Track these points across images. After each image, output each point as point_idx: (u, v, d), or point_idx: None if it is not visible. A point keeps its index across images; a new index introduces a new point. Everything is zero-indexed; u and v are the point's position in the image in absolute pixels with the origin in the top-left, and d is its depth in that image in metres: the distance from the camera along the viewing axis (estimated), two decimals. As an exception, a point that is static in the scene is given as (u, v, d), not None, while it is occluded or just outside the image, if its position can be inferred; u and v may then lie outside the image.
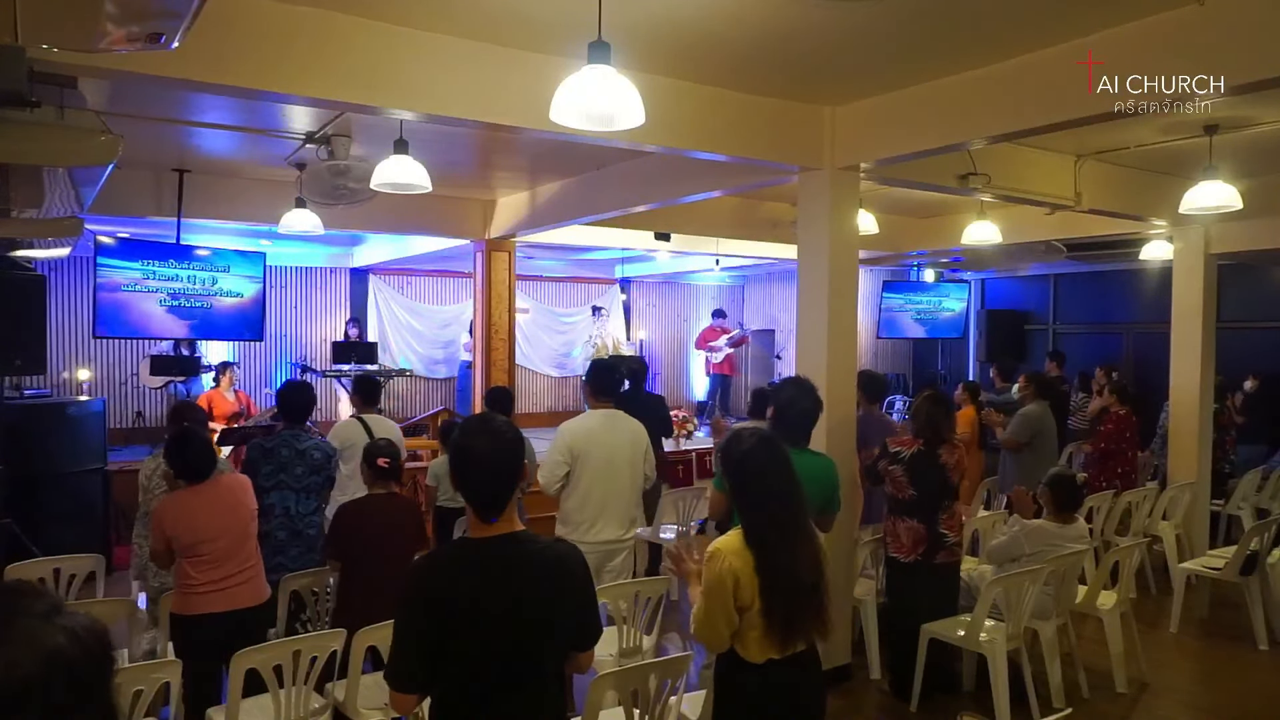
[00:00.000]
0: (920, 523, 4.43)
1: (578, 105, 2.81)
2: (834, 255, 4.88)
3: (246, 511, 3.67)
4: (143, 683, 2.90)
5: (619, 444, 4.23)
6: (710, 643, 2.59)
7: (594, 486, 4.14)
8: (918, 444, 4.47)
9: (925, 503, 4.44)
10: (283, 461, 4.35)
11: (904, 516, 4.48)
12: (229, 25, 3.23)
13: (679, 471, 8.87)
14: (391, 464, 3.91)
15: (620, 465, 4.22)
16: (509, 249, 8.52)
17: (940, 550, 4.46)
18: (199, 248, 7.71)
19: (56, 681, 1.02)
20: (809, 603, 2.51)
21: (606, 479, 4.17)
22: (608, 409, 4.33)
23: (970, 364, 13.07)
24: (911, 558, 4.45)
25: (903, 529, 4.48)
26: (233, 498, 3.64)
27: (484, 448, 2.04)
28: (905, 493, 4.46)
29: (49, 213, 4.85)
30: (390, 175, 4.69)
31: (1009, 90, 4.03)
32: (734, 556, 2.48)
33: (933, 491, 4.45)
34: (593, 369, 4.50)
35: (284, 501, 4.34)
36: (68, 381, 9.98)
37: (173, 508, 3.54)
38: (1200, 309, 7.04)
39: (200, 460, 3.58)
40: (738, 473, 2.60)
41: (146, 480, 4.31)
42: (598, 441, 4.19)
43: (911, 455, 4.45)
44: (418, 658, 1.98)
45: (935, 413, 4.53)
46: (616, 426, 4.28)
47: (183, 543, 3.49)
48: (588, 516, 4.15)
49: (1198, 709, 4.67)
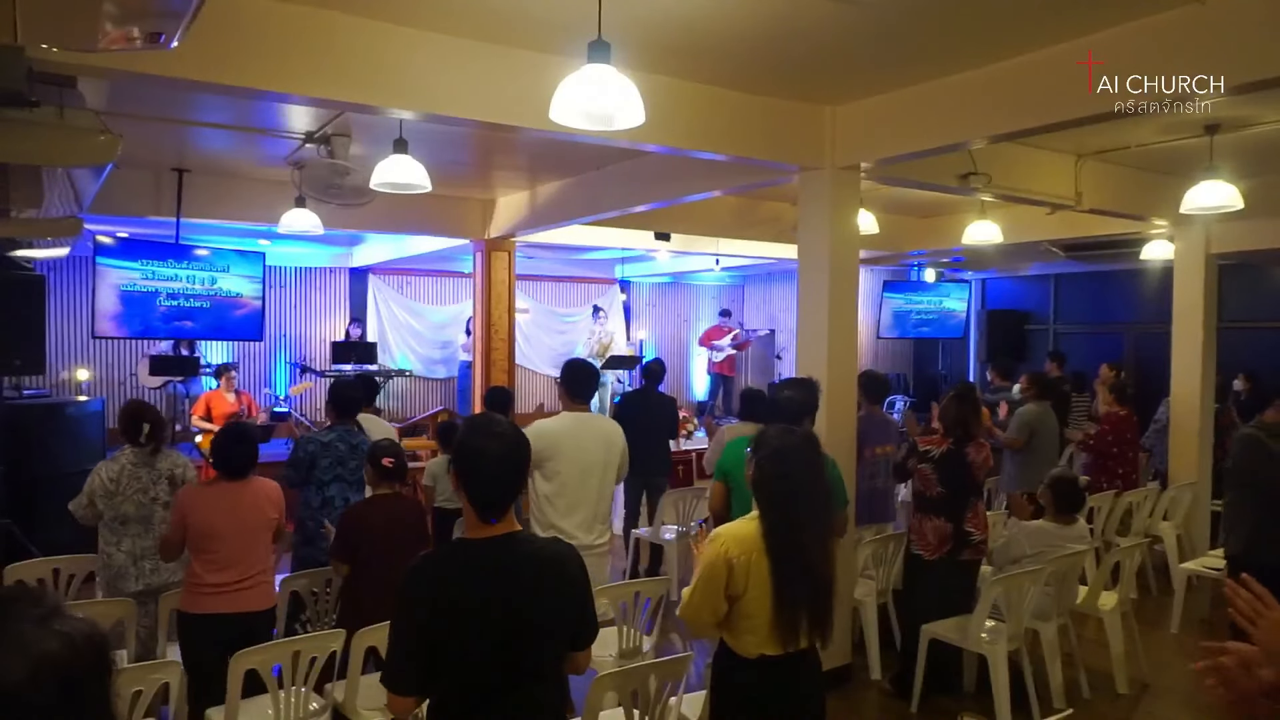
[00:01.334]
0: (947, 521, 4.44)
1: (578, 104, 2.81)
2: (834, 255, 4.88)
3: (264, 518, 3.65)
4: (142, 683, 2.90)
5: (592, 448, 4.00)
6: (692, 623, 2.60)
7: (564, 490, 3.92)
8: (947, 443, 4.48)
9: (953, 501, 4.46)
10: (340, 455, 4.57)
11: (931, 514, 4.48)
12: (229, 25, 3.23)
13: (679, 471, 8.86)
14: (396, 464, 3.91)
15: (592, 469, 3.99)
16: (509, 249, 8.52)
17: (966, 548, 4.47)
18: (199, 247, 7.71)
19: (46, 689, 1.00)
20: (817, 602, 2.51)
21: (577, 483, 3.95)
22: (581, 412, 4.10)
23: (970, 364, 13.07)
24: (937, 555, 4.46)
25: (929, 527, 4.48)
26: (254, 502, 3.63)
27: (494, 449, 2.03)
28: (933, 490, 4.46)
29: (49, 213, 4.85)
30: (390, 175, 4.69)
31: (1009, 90, 4.02)
32: (735, 544, 2.49)
33: (960, 490, 4.46)
34: (566, 370, 4.16)
35: (344, 494, 4.55)
36: (67, 381, 9.98)
37: (198, 496, 3.60)
38: (1200, 309, 7.05)
39: (244, 460, 3.64)
40: (771, 465, 2.57)
41: (111, 484, 3.99)
42: (569, 444, 3.94)
43: (942, 454, 4.46)
44: (415, 659, 1.97)
45: (964, 411, 4.54)
46: (588, 430, 4.05)
47: (195, 533, 3.50)
48: (556, 520, 3.93)
49: (1198, 709, 4.66)
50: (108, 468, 4.04)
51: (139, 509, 4.05)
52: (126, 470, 4.04)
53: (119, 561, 4.04)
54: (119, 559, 4.04)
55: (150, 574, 4.07)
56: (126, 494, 4.03)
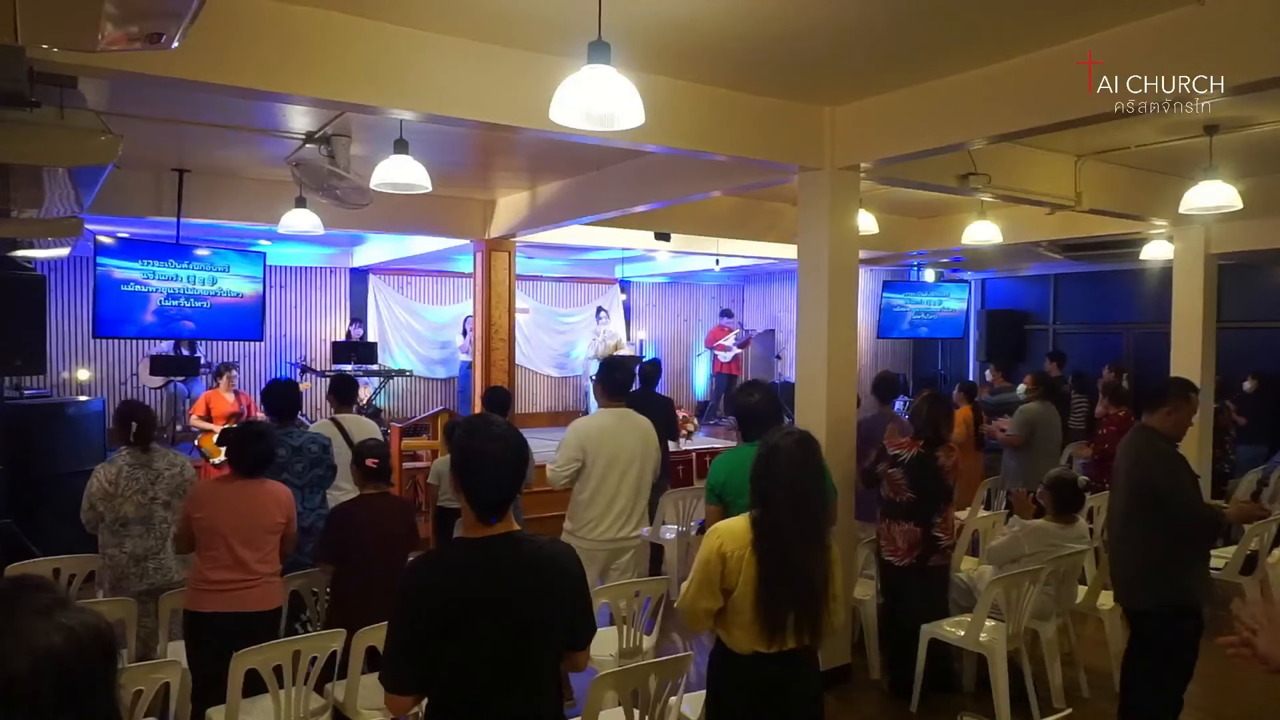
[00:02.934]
0: (916, 525, 4.42)
1: (578, 105, 2.81)
2: (834, 255, 4.88)
3: (269, 521, 3.62)
4: (143, 683, 2.90)
5: (630, 443, 4.28)
6: (690, 617, 2.65)
7: (604, 484, 4.21)
8: (917, 446, 4.46)
9: (923, 506, 4.43)
10: (282, 462, 4.32)
11: (900, 520, 4.46)
12: (229, 25, 3.23)
13: (679, 471, 8.87)
14: (380, 465, 3.88)
15: (630, 464, 4.27)
16: (509, 249, 8.52)
17: (934, 553, 4.46)
18: (199, 247, 7.71)
19: (45, 680, 1.01)
20: (808, 603, 2.52)
21: (617, 477, 4.23)
22: (619, 408, 4.39)
23: (970, 364, 13.07)
24: (906, 561, 4.44)
25: (898, 532, 4.46)
26: (262, 504, 3.61)
27: (495, 450, 2.04)
28: (903, 495, 4.44)
29: (49, 213, 4.84)
30: (390, 175, 4.69)
31: (1009, 90, 4.02)
32: (729, 539, 2.56)
33: (931, 494, 4.44)
34: (604, 369, 4.58)
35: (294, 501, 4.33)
36: (67, 381, 9.98)
37: (206, 492, 3.63)
38: (1200, 309, 7.04)
39: (259, 457, 3.62)
40: (767, 463, 2.61)
41: (110, 486, 4.00)
42: (609, 440, 4.25)
43: (912, 458, 4.44)
44: (413, 659, 1.97)
45: (936, 414, 4.53)
46: (628, 426, 4.34)
47: (200, 529, 3.50)
48: (596, 514, 4.21)
49: (1198, 709, 4.66)
50: (105, 470, 4.05)
51: (138, 509, 4.05)
52: (124, 472, 4.05)
53: (122, 562, 4.05)
54: (121, 560, 4.05)
55: (154, 573, 4.08)
56: (125, 495, 4.03)
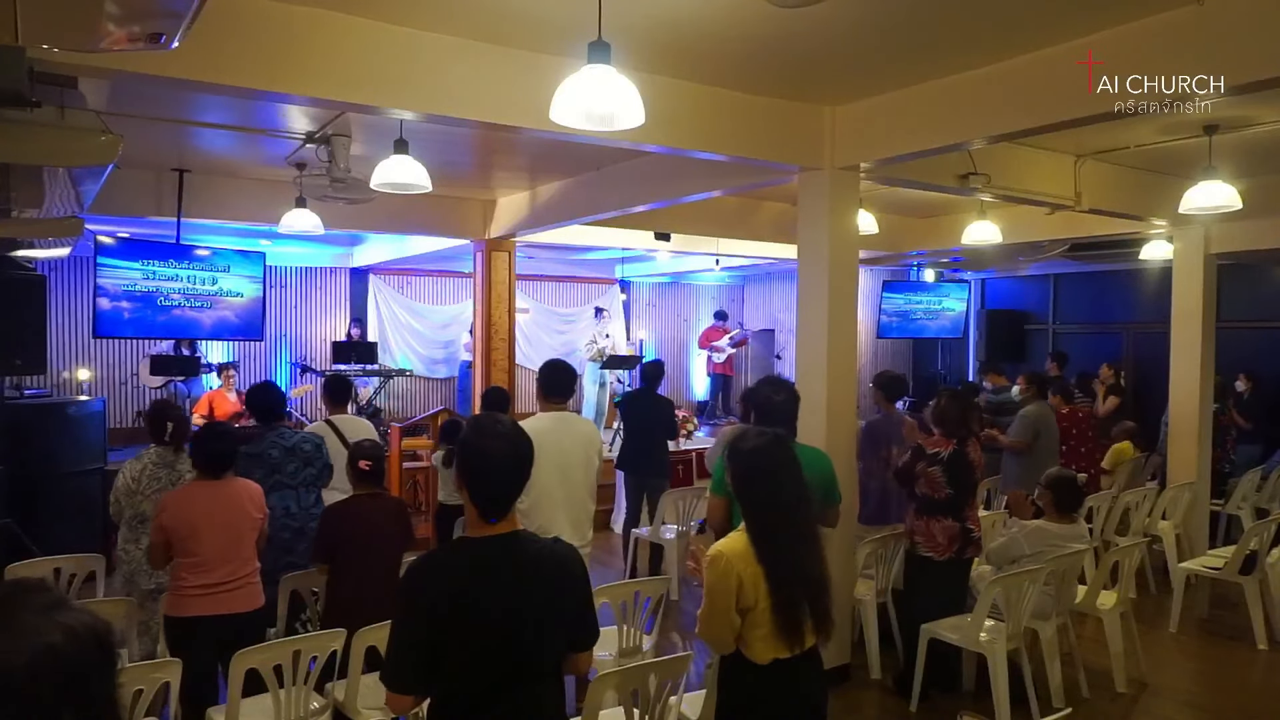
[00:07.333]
0: (955, 520, 4.47)
1: (578, 105, 2.81)
2: (834, 255, 4.88)
3: (247, 519, 3.61)
4: (143, 683, 2.90)
5: (571, 447, 4.01)
6: (714, 644, 2.58)
7: (546, 491, 3.88)
8: (951, 444, 4.50)
9: (959, 500, 4.48)
10: (275, 463, 4.32)
11: (940, 516, 4.49)
12: (229, 25, 3.23)
13: (679, 471, 8.87)
14: (374, 467, 3.86)
15: (574, 469, 4.00)
16: (509, 249, 8.52)
17: (969, 545, 4.52)
18: (199, 248, 7.71)
19: (44, 677, 1.01)
20: (817, 600, 2.51)
21: (559, 483, 3.95)
22: (560, 411, 4.11)
23: (970, 364, 13.07)
24: (947, 555, 4.48)
25: (938, 529, 4.48)
26: (237, 502, 3.60)
27: (498, 449, 2.05)
28: (941, 492, 4.47)
29: (49, 213, 4.84)
30: (390, 175, 4.69)
31: (1009, 90, 4.03)
32: (737, 559, 2.47)
33: (965, 489, 4.50)
34: (544, 368, 4.15)
35: (283, 502, 4.32)
36: (68, 381, 9.98)
37: (175, 498, 3.56)
38: (1200, 309, 7.04)
39: (222, 457, 3.60)
40: (746, 470, 2.57)
41: (134, 483, 4.07)
42: (549, 444, 3.80)
43: (950, 455, 4.48)
44: (415, 659, 1.97)
45: (964, 410, 4.59)
46: (568, 429, 4.06)
47: (177, 536, 3.46)
48: (540, 522, 3.84)
49: (1197, 709, 4.67)
50: (131, 467, 4.11)
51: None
52: (148, 470, 4.08)
53: (136, 559, 4.07)
54: (136, 556, 4.07)
55: (164, 573, 4.08)
56: (146, 493, 4.06)
